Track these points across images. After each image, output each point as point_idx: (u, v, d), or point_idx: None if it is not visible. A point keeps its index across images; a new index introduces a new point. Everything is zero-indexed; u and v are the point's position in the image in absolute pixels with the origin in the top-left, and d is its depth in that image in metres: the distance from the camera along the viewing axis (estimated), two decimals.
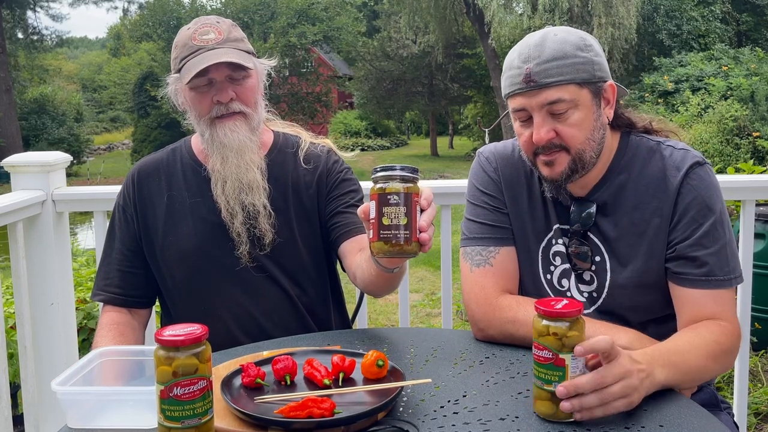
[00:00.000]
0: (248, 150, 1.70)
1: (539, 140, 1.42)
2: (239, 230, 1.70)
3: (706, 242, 1.42)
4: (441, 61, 26.12)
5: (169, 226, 1.74)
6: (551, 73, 1.39)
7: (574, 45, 1.41)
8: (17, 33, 29.96)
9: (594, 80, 1.43)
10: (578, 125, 1.42)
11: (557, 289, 1.56)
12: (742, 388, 2.39)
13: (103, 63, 56.72)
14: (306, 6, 25.95)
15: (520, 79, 1.41)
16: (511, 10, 20.44)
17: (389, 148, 31.46)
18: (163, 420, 1.03)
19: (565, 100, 1.40)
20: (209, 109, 1.68)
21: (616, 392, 1.13)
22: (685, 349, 1.30)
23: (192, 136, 1.85)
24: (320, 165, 1.82)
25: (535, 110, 1.42)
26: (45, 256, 2.46)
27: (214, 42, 1.67)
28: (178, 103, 1.76)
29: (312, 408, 1.11)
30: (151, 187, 1.78)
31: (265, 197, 1.71)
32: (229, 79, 1.67)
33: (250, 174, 1.69)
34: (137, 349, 1.39)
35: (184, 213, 1.74)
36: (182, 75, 1.67)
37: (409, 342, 1.53)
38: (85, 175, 24.52)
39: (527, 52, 1.42)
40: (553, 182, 1.48)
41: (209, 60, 1.62)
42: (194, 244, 1.72)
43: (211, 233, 1.73)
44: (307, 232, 1.78)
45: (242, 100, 1.69)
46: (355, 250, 1.68)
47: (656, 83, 15.98)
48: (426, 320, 5.88)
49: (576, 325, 1.12)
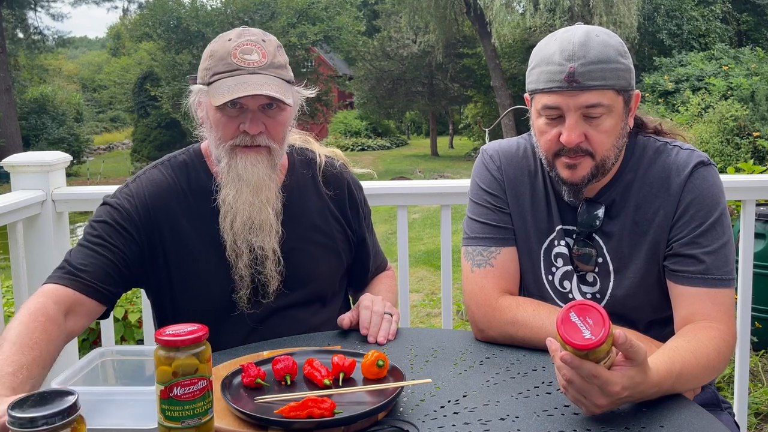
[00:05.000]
0: (265, 188, 1.55)
1: (569, 142, 1.40)
2: (242, 273, 1.56)
3: (704, 241, 1.42)
4: (441, 61, 26.11)
5: (189, 255, 1.58)
6: (595, 75, 1.37)
7: (616, 50, 1.39)
8: (18, 33, 29.96)
9: (629, 88, 1.42)
10: (608, 132, 1.41)
11: (559, 291, 1.56)
12: (742, 388, 2.39)
13: (103, 63, 56.70)
14: (306, 6, 25.93)
15: (562, 77, 1.37)
16: (512, 10, 20.45)
17: (389, 148, 31.46)
18: (163, 420, 1.03)
19: (603, 105, 1.38)
20: (233, 135, 1.53)
21: (594, 394, 1.13)
22: (691, 365, 1.27)
23: (203, 147, 1.68)
24: (344, 194, 1.75)
25: (571, 111, 1.39)
26: (45, 256, 2.46)
27: (256, 65, 1.51)
28: (196, 114, 1.61)
29: (312, 408, 1.11)
30: (163, 214, 1.59)
31: (276, 241, 1.58)
32: (262, 109, 1.53)
33: (263, 214, 1.56)
34: (137, 349, 1.39)
35: (201, 242, 1.59)
36: (212, 93, 1.50)
37: (409, 342, 1.53)
38: (85, 174, 24.56)
39: (571, 49, 1.38)
40: (573, 186, 1.46)
41: (248, 89, 1.47)
42: (203, 286, 1.59)
43: (216, 274, 1.58)
44: (333, 264, 1.72)
45: (271, 135, 1.54)
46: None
47: (656, 83, 15.98)
48: (426, 320, 5.88)
49: (606, 342, 1.11)
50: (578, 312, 1.11)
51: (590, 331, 1.10)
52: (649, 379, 1.16)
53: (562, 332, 1.11)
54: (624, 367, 1.13)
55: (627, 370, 1.13)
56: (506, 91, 22.07)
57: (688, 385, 1.28)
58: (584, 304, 1.12)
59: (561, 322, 1.11)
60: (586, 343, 1.09)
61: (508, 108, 18.09)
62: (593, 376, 1.11)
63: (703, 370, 1.30)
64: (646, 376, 1.15)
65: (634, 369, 1.14)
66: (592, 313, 1.11)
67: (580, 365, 1.10)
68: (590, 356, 1.10)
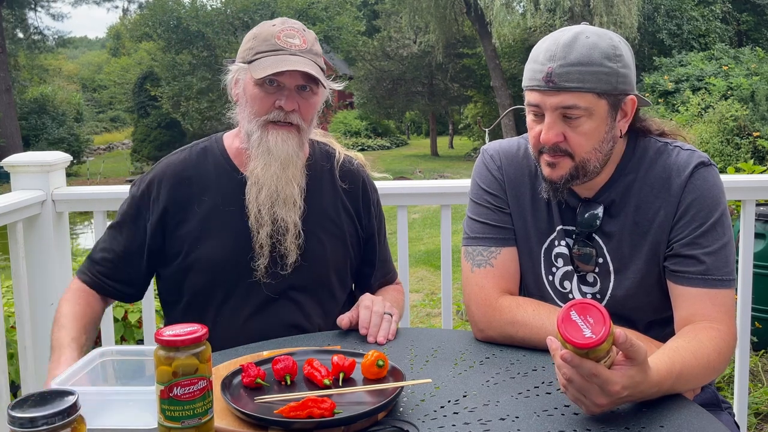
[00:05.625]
0: (292, 165, 1.65)
1: (546, 141, 1.41)
2: (263, 242, 1.64)
3: (704, 241, 1.42)
4: (441, 61, 26.10)
5: (200, 236, 1.67)
6: (572, 78, 1.36)
7: (602, 53, 1.38)
8: (18, 33, 29.96)
9: (615, 92, 1.40)
10: (587, 134, 1.41)
11: (559, 291, 1.56)
12: (742, 388, 2.39)
13: (103, 63, 56.68)
14: (306, 6, 25.94)
15: (540, 77, 1.39)
16: (512, 10, 20.46)
17: (389, 148, 31.45)
18: (163, 420, 1.03)
19: (580, 107, 1.38)
20: (268, 111, 1.63)
21: (594, 393, 1.13)
22: (692, 366, 1.27)
23: (224, 136, 1.79)
24: (358, 189, 1.81)
25: (548, 110, 1.40)
26: (45, 256, 2.46)
27: (297, 48, 1.63)
28: (232, 92, 1.70)
29: (312, 408, 1.11)
30: (181, 193, 1.70)
31: (298, 216, 1.67)
32: (297, 89, 1.63)
33: (288, 188, 1.65)
34: (137, 349, 1.39)
35: (218, 222, 1.68)
36: (254, 68, 1.61)
37: (409, 342, 1.53)
38: (84, 175, 24.54)
39: (553, 50, 1.38)
40: (551, 183, 1.47)
41: (289, 65, 1.58)
42: (224, 256, 1.67)
43: (236, 242, 1.67)
44: (340, 253, 1.76)
45: (302, 115, 1.65)
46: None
47: (656, 83, 15.98)
48: (426, 320, 5.88)
49: (607, 341, 1.11)
50: (579, 311, 1.11)
51: (591, 329, 1.10)
52: (649, 378, 1.16)
53: (563, 331, 1.11)
54: (624, 367, 1.14)
55: (627, 369, 1.13)
56: (506, 91, 22.07)
57: (688, 385, 1.28)
58: (585, 302, 1.12)
59: (561, 320, 1.11)
60: (587, 341, 1.09)
61: (508, 108, 18.10)
62: (593, 375, 1.11)
63: (704, 371, 1.30)
64: (647, 375, 1.15)
65: (635, 368, 1.14)
66: (592, 312, 1.11)
67: (581, 364, 1.10)
68: (590, 355, 1.10)
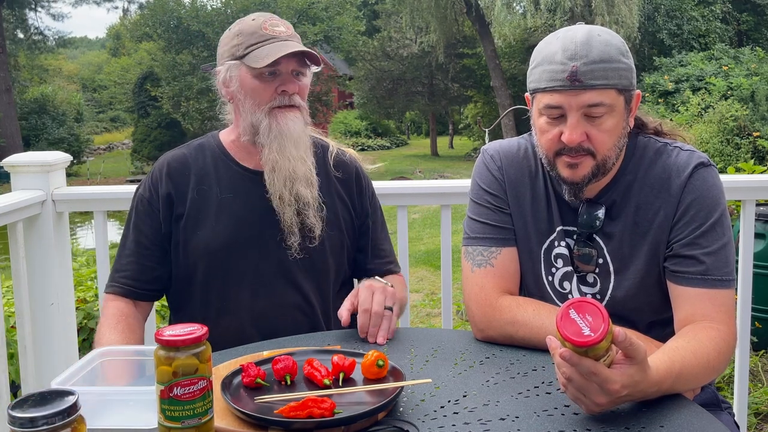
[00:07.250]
0: (303, 143, 1.72)
1: (571, 141, 1.40)
2: (290, 221, 1.70)
3: (704, 242, 1.42)
4: (441, 61, 26.09)
5: (198, 221, 1.73)
6: (597, 75, 1.36)
7: (617, 49, 1.39)
8: (18, 33, 29.95)
9: (630, 88, 1.42)
10: (609, 131, 1.41)
11: (559, 291, 1.56)
12: (742, 388, 2.39)
13: (103, 63, 56.68)
14: (306, 6, 25.90)
15: (564, 77, 1.37)
16: (513, 10, 20.46)
17: (389, 148, 31.45)
18: (163, 420, 1.03)
19: (605, 104, 1.38)
20: (271, 98, 1.68)
21: (593, 392, 1.13)
22: (692, 365, 1.27)
23: (220, 133, 1.84)
24: (351, 178, 1.86)
25: (573, 110, 1.39)
26: (45, 256, 2.46)
27: (285, 35, 1.69)
28: (224, 92, 1.75)
29: (312, 408, 1.11)
30: (181, 181, 1.75)
31: (316, 189, 1.74)
32: (293, 75, 1.70)
33: (305, 165, 1.71)
34: (137, 349, 1.39)
35: (215, 208, 1.73)
36: (251, 60, 1.65)
37: (409, 342, 1.53)
38: (85, 175, 24.54)
39: (573, 48, 1.37)
40: (574, 185, 1.46)
41: (288, 48, 1.64)
42: (221, 241, 1.71)
43: (242, 229, 1.72)
44: (336, 238, 1.79)
45: (301, 96, 1.73)
46: None
47: (656, 83, 15.97)
48: (426, 320, 5.88)
49: (606, 339, 1.11)
50: (578, 309, 1.11)
51: (589, 327, 1.10)
52: (648, 378, 1.16)
53: (562, 329, 1.11)
54: (624, 366, 1.14)
55: (627, 368, 1.13)
56: (506, 91, 22.06)
57: (688, 384, 1.28)
58: (584, 301, 1.12)
59: (560, 318, 1.11)
60: (586, 339, 1.09)
61: (508, 108, 18.09)
62: (592, 374, 1.11)
63: (703, 370, 1.30)
64: (646, 374, 1.15)
65: (634, 367, 1.14)
66: (591, 310, 1.11)
67: (580, 362, 1.10)
68: (589, 353, 1.10)
